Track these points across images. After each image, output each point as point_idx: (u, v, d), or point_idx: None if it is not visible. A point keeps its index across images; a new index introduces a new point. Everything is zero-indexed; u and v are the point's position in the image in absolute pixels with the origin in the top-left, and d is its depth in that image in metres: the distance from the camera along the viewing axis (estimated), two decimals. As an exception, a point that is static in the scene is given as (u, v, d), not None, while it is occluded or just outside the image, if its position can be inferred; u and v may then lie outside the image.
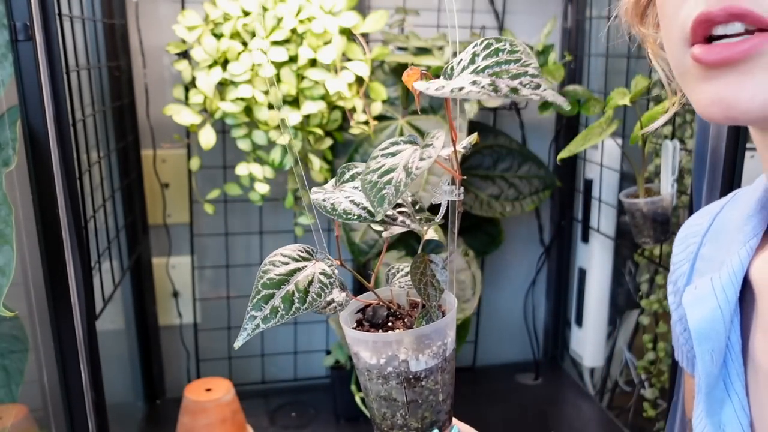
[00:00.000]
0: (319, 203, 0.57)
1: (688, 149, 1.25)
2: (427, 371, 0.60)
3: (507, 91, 0.49)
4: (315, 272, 0.56)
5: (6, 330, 0.98)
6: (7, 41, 0.83)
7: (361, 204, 0.57)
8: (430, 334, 0.59)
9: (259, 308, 0.54)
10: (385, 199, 0.51)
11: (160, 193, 1.48)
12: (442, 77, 0.54)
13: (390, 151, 0.55)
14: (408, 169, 0.52)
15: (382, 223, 0.60)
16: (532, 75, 0.51)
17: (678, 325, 0.68)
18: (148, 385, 1.54)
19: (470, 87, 0.50)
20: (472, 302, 1.39)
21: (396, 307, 0.65)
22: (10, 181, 0.89)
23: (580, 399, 1.62)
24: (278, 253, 0.57)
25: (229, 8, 1.24)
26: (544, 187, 1.53)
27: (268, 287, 0.54)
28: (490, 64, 0.52)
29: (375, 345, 0.59)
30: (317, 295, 0.55)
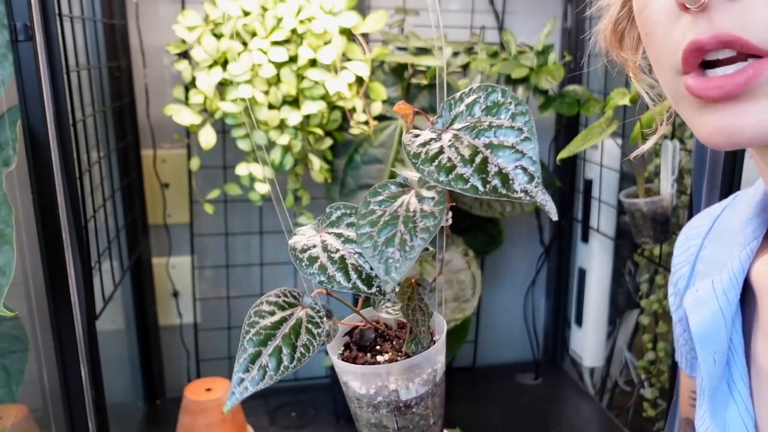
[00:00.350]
0: (295, 255, 0.53)
1: (688, 149, 1.25)
2: (418, 398, 0.58)
3: (494, 183, 0.44)
4: (303, 321, 0.53)
5: (6, 330, 0.98)
6: (7, 41, 0.83)
7: (343, 263, 0.53)
8: (420, 363, 0.58)
9: (246, 369, 0.51)
10: (391, 266, 0.46)
11: (160, 193, 1.48)
12: (437, 119, 0.50)
13: (382, 197, 0.51)
14: (412, 227, 0.47)
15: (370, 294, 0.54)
16: (530, 161, 0.45)
17: (678, 327, 0.68)
18: (148, 385, 1.54)
19: (461, 168, 0.45)
20: (472, 302, 1.39)
21: (384, 328, 0.64)
22: (10, 181, 0.89)
23: (580, 399, 1.62)
24: (263, 301, 0.54)
25: (229, 8, 1.24)
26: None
27: (255, 344, 0.52)
28: (487, 126, 0.47)
29: (364, 376, 0.57)
30: (305, 349, 0.52)
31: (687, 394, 0.71)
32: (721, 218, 0.63)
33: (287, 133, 1.29)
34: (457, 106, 0.49)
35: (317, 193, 1.50)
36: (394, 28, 1.44)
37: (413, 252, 0.46)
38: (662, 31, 0.42)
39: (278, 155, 1.31)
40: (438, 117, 0.50)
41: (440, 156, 0.46)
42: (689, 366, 0.68)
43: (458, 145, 0.47)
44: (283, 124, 1.28)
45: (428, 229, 0.47)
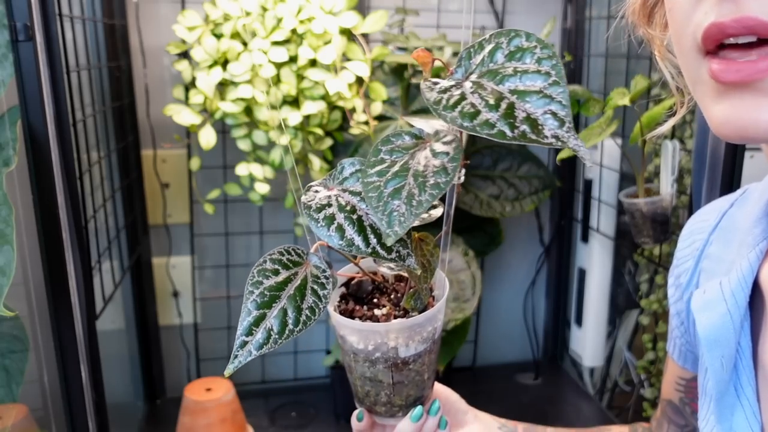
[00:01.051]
0: (310, 215, 0.50)
1: (688, 149, 1.25)
2: (416, 356, 0.58)
3: (522, 128, 0.41)
4: (308, 282, 0.51)
5: (6, 330, 0.98)
6: (7, 41, 0.83)
7: (360, 224, 0.49)
8: (422, 322, 0.57)
9: (249, 332, 0.48)
10: (395, 219, 0.44)
11: (160, 193, 1.48)
12: (456, 69, 0.47)
13: (394, 146, 0.48)
14: (422, 181, 0.45)
15: (376, 256, 0.50)
16: (559, 105, 0.42)
17: (675, 319, 0.68)
18: (148, 385, 1.54)
19: (486, 114, 0.42)
20: (472, 302, 1.39)
21: (381, 280, 0.62)
22: (10, 181, 0.89)
23: (579, 399, 1.62)
24: (266, 258, 0.52)
25: (229, 8, 1.24)
26: (544, 187, 1.53)
27: (259, 306, 0.49)
28: (512, 71, 0.43)
29: (363, 332, 0.56)
30: (311, 312, 0.50)
31: (673, 378, 0.71)
32: (729, 214, 0.61)
33: (287, 133, 1.29)
34: (477, 54, 0.46)
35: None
36: (394, 28, 1.44)
37: (420, 207, 0.43)
38: (685, 9, 0.40)
39: (278, 155, 1.31)
40: (457, 66, 0.47)
41: (462, 102, 0.43)
42: (682, 357, 0.69)
43: (481, 92, 0.43)
44: (283, 124, 1.28)
45: (438, 185, 0.44)
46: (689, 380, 0.69)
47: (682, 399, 0.71)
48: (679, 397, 0.71)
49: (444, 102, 0.44)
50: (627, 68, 1.40)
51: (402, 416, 0.62)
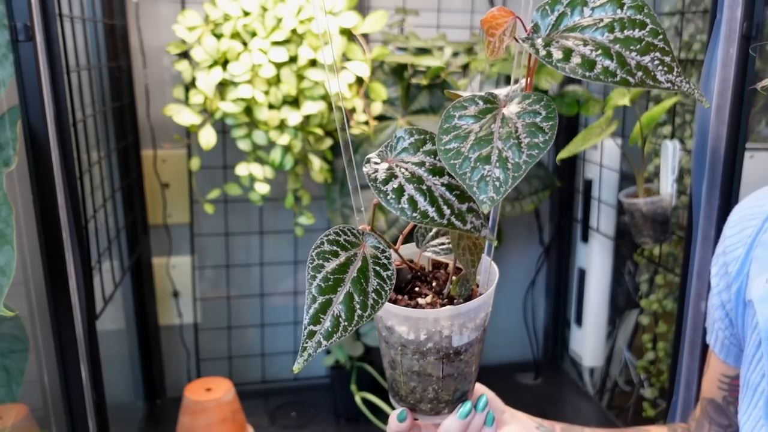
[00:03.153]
0: (377, 188, 0.45)
1: (688, 149, 1.25)
2: (468, 345, 0.54)
3: (639, 74, 0.39)
4: (369, 263, 0.47)
5: (6, 330, 0.98)
6: (7, 41, 0.83)
7: (431, 195, 0.45)
8: (476, 308, 0.54)
9: (316, 321, 0.44)
10: (489, 185, 0.40)
11: (160, 193, 1.48)
12: (534, 30, 0.43)
13: (467, 112, 0.45)
14: (515, 143, 0.41)
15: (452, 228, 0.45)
16: (663, 51, 0.40)
17: (720, 311, 0.65)
18: (148, 384, 1.54)
19: (602, 62, 0.39)
20: (472, 302, 1.39)
21: (419, 268, 0.59)
22: (11, 181, 0.89)
23: (579, 399, 1.62)
24: (323, 240, 0.48)
25: (229, 8, 1.24)
26: (544, 187, 1.53)
27: (324, 291, 0.45)
28: (606, 23, 0.41)
29: (413, 320, 0.52)
30: (377, 295, 0.46)
31: (715, 376, 0.69)
32: None
33: (287, 133, 1.29)
34: (551, 12, 0.44)
35: (317, 192, 1.50)
36: (394, 28, 1.44)
37: (519, 170, 0.40)
38: None
39: (278, 155, 1.31)
40: (534, 26, 0.45)
41: (571, 55, 0.41)
42: (724, 351, 0.66)
43: (584, 43, 0.41)
44: (283, 124, 1.28)
45: (537, 146, 0.41)
46: (733, 378, 0.67)
47: (726, 398, 0.68)
48: (723, 395, 0.68)
49: (555, 55, 0.41)
50: (627, 68, 1.39)
51: (447, 413, 0.58)
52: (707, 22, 1.09)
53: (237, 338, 1.60)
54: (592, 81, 0.40)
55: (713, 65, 0.96)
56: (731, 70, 0.94)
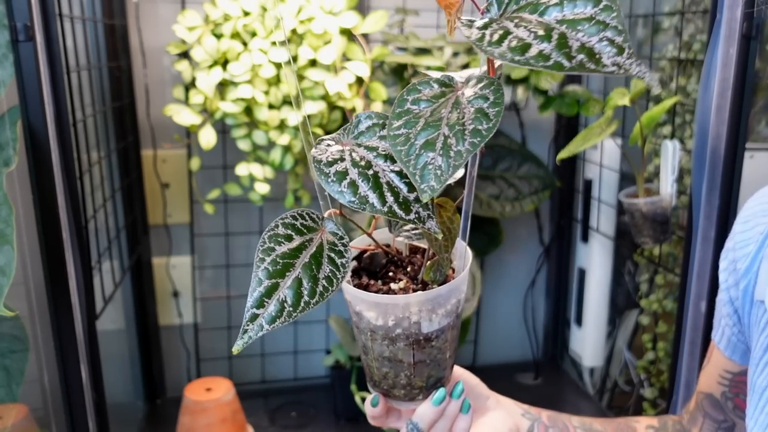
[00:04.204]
0: (320, 169, 0.45)
1: (688, 149, 1.25)
2: (439, 331, 0.53)
3: (579, 58, 0.37)
4: (324, 249, 0.46)
5: (6, 330, 0.98)
6: (7, 42, 0.83)
7: (376, 181, 0.44)
8: (446, 294, 0.52)
9: (260, 304, 0.44)
10: (430, 173, 0.39)
11: (160, 193, 1.48)
12: (488, 9, 0.42)
13: (421, 95, 0.44)
14: (459, 130, 0.40)
15: (396, 218, 0.44)
16: (615, 31, 0.38)
17: (728, 307, 0.64)
18: (148, 384, 1.54)
19: (537, 45, 0.37)
20: (472, 302, 1.39)
21: (395, 252, 0.58)
22: (11, 181, 0.89)
23: (579, 399, 1.62)
24: (278, 223, 0.47)
25: (230, 8, 1.24)
26: (544, 187, 1.53)
27: (271, 275, 0.45)
28: (556, 1, 0.39)
29: (382, 306, 0.51)
30: (328, 282, 0.45)
31: (716, 371, 0.68)
32: None
33: (287, 133, 1.29)
34: None
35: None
36: (394, 28, 1.44)
37: (459, 158, 0.39)
38: None
39: (278, 155, 1.31)
40: (488, 5, 0.42)
41: (508, 36, 0.39)
42: (730, 348, 0.65)
43: (526, 25, 0.39)
44: (283, 124, 1.28)
45: (480, 133, 0.40)
46: (736, 374, 0.66)
47: (725, 393, 0.67)
48: (722, 391, 0.68)
49: (488, 38, 0.39)
50: (627, 68, 1.39)
51: (422, 399, 0.57)
52: (707, 22, 1.09)
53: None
54: (521, 66, 0.38)
55: (713, 65, 0.96)
56: (731, 70, 0.94)
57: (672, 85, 1.30)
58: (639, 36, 1.44)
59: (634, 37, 1.43)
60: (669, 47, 1.33)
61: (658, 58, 1.35)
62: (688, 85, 1.27)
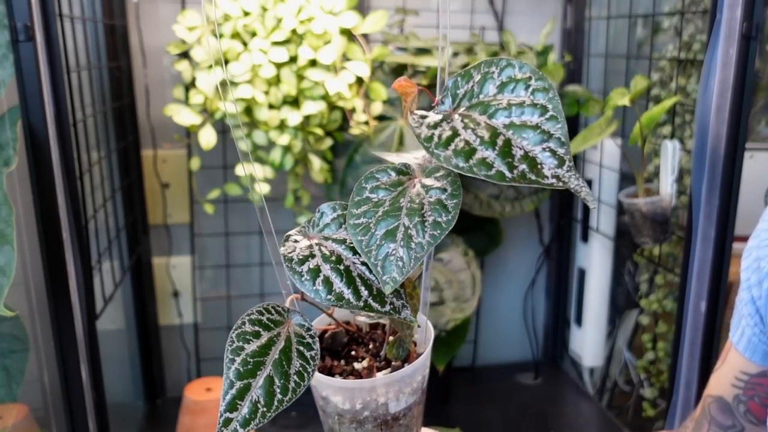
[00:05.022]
0: (292, 269, 0.44)
1: (688, 149, 1.25)
2: (406, 409, 0.53)
3: (521, 168, 0.37)
4: (292, 343, 0.46)
5: (6, 330, 0.98)
6: (7, 42, 0.83)
7: (349, 275, 0.44)
8: (412, 373, 0.52)
9: (233, 407, 0.43)
10: (392, 264, 0.40)
11: (160, 193, 1.49)
12: (442, 101, 0.43)
13: (380, 183, 0.44)
14: (419, 221, 0.40)
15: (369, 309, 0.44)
16: (558, 142, 0.39)
17: (749, 307, 0.63)
18: (148, 384, 1.54)
19: (483, 152, 0.38)
20: (472, 302, 1.39)
21: (356, 330, 0.58)
22: (11, 181, 0.89)
23: (579, 399, 1.62)
24: (245, 320, 0.46)
25: (230, 8, 1.24)
26: (544, 188, 1.53)
27: (243, 376, 0.43)
28: (505, 105, 0.40)
29: (349, 390, 0.51)
30: (299, 377, 0.44)
31: (731, 373, 0.66)
32: None
33: (287, 133, 1.29)
34: (464, 83, 0.43)
35: (317, 192, 1.50)
36: (394, 28, 1.44)
37: (421, 250, 0.40)
38: None
39: (278, 155, 1.31)
40: (443, 97, 0.44)
41: (455, 139, 0.40)
42: (750, 349, 0.64)
43: (474, 127, 0.40)
44: (283, 124, 1.28)
45: (440, 225, 0.40)
46: (754, 375, 0.64)
47: (738, 396, 0.66)
48: (735, 394, 0.66)
49: (436, 139, 0.41)
50: (627, 68, 1.40)
51: None
52: (707, 22, 1.09)
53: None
54: (465, 173, 0.39)
55: (713, 65, 0.96)
56: (731, 70, 0.94)
57: (672, 85, 1.30)
58: (639, 36, 1.44)
59: (634, 37, 1.44)
60: (669, 47, 1.33)
61: (658, 58, 1.35)
62: (688, 85, 1.27)
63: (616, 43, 1.48)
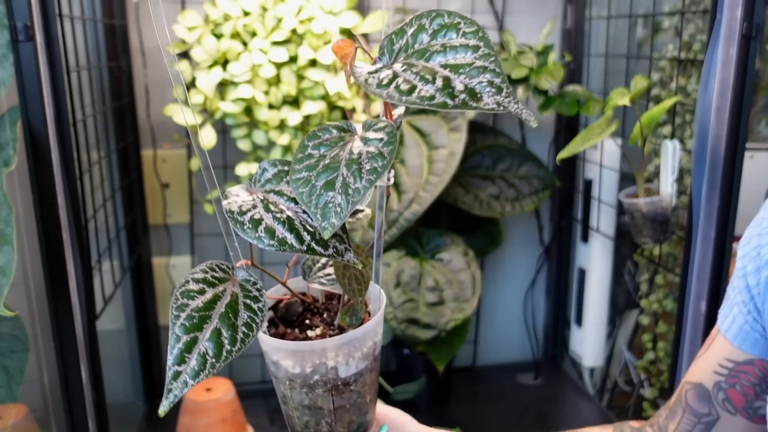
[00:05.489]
0: (234, 219, 0.47)
1: (688, 149, 1.25)
2: (357, 374, 0.54)
3: (462, 97, 0.41)
4: (239, 297, 0.47)
5: (6, 330, 0.99)
6: (7, 42, 0.83)
7: (291, 223, 0.46)
8: (361, 336, 0.53)
9: (181, 360, 0.45)
10: (330, 211, 0.42)
11: (160, 193, 1.48)
12: (380, 57, 0.46)
13: (322, 140, 0.46)
14: (356, 168, 0.43)
15: (313, 252, 0.46)
16: (494, 73, 0.42)
17: (744, 295, 0.63)
18: (148, 384, 1.54)
19: (423, 87, 0.41)
20: (472, 302, 1.39)
21: (311, 300, 0.59)
22: (11, 181, 0.89)
23: (579, 399, 1.62)
24: (188, 279, 0.47)
25: (229, 8, 1.24)
26: (544, 187, 1.53)
27: (188, 330, 0.45)
28: (439, 48, 0.43)
29: (298, 353, 0.52)
30: (248, 328, 0.45)
31: (715, 359, 0.66)
32: None
33: (287, 133, 1.29)
34: (399, 39, 0.45)
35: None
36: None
37: (357, 195, 0.42)
38: None
39: (278, 155, 1.31)
40: (380, 55, 0.46)
41: (396, 80, 0.43)
42: (741, 337, 0.64)
43: (413, 69, 0.43)
44: (283, 124, 1.28)
45: (375, 170, 0.42)
46: (740, 363, 0.64)
47: (719, 384, 0.66)
48: (716, 381, 0.66)
49: (376, 81, 0.43)
50: (627, 68, 1.40)
51: None
52: (707, 22, 1.09)
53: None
54: (409, 105, 0.41)
55: (713, 65, 0.96)
56: (731, 70, 0.94)
57: (672, 85, 1.30)
58: (639, 36, 1.44)
59: (634, 37, 1.44)
60: (669, 47, 1.33)
61: (658, 58, 1.35)
62: (688, 85, 1.27)
63: (617, 43, 1.48)
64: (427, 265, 1.41)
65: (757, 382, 0.63)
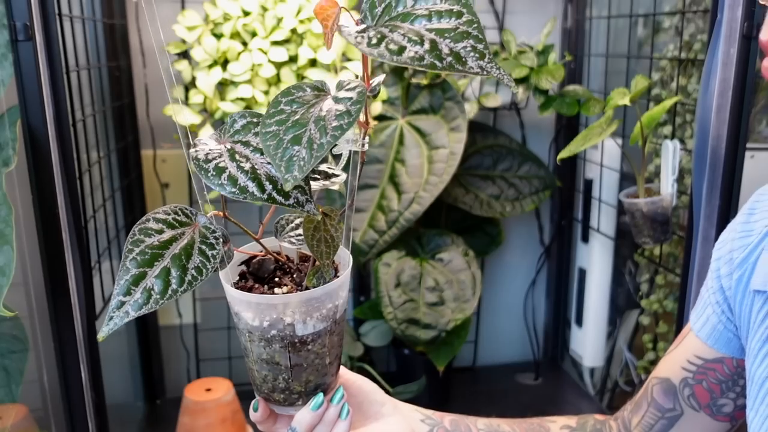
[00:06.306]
0: (200, 166, 0.48)
1: (688, 149, 1.25)
2: (315, 335, 0.54)
3: (449, 60, 0.42)
4: (195, 242, 0.49)
5: (6, 330, 0.98)
6: (7, 41, 0.83)
7: (254, 173, 0.48)
8: (320, 296, 0.54)
9: (127, 292, 0.46)
10: (295, 164, 0.43)
11: (160, 193, 1.48)
12: (362, 19, 0.46)
13: (295, 97, 0.47)
14: (323, 125, 0.44)
15: (272, 201, 0.48)
16: (476, 39, 0.44)
17: (718, 295, 0.64)
18: (148, 385, 1.54)
19: (412, 48, 0.42)
20: (472, 302, 1.39)
21: (285, 260, 0.60)
22: (10, 181, 0.89)
23: (580, 399, 1.62)
24: (150, 217, 0.49)
25: (229, 8, 1.24)
26: (544, 187, 1.53)
27: (139, 264, 0.47)
28: (423, 12, 0.44)
29: (258, 306, 0.53)
30: (197, 272, 0.47)
31: (684, 356, 0.67)
32: None
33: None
34: (381, 2, 0.46)
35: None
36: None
37: (321, 149, 0.43)
38: None
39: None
40: (362, 18, 0.46)
41: (385, 40, 0.44)
42: (713, 337, 0.64)
43: (400, 32, 0.44)
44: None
45: (341, 127, 0.44)
46: (708, 361, 0.64)
47: (687, 380, 0.66)
48: (684, 377, 0.66)
49: (366, 40, 0.44)
50: (627, 68, 1.39)
51: (301, 405, 0.58)
52: (708, 22, 1.09)
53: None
54: (400, 65, 0.42)
55: (714, 65, 0.96)
56: (732, 70, 0.94)
57: (672, 84, 1.30)
58: (639, 36, 1.44)
59: (634, 37, 1.43)
60: (669, 47, 1.33)
61: (658, 58, 1.35)
62: (689, 84, 1.27)
63: (617, 42, 1.48)
64: (428, 265, 1.41)
65: (724, 380, 0.64)
